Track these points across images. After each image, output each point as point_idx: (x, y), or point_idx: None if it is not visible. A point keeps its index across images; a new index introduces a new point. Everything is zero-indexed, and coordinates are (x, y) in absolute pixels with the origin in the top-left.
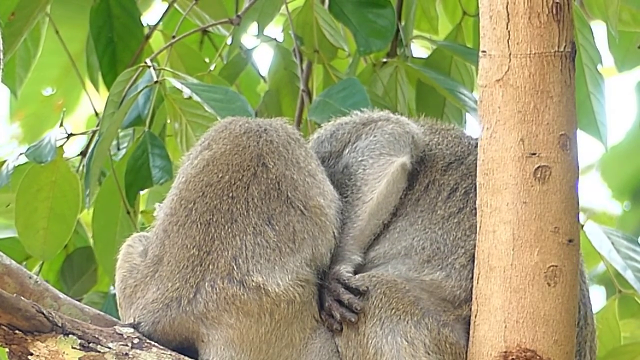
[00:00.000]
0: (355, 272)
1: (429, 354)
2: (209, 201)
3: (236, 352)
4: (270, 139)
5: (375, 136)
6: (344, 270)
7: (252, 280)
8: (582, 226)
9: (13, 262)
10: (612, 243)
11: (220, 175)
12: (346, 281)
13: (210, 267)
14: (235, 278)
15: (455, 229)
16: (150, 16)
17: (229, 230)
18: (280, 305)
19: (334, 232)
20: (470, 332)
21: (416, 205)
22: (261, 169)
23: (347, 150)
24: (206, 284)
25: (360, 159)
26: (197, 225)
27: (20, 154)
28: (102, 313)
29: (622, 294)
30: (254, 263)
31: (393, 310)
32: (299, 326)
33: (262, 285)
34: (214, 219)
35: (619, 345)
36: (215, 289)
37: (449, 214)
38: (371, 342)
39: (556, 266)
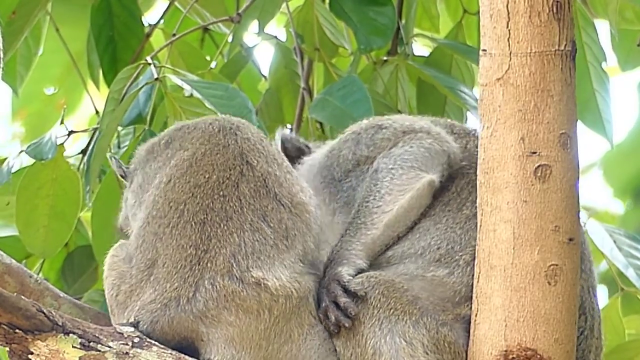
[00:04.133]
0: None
1: (427, 353)
2: (200, 201)
3: (237, 350)
4: (247, 137)
5: (411, 147)
6: (346, 272)
7: (252, 276)
8: (584, 224)
9: (13, 261)
10: (614, 241)
11: (207, 176)
12: (346, 284)
13: (209, 265)
14: (235, 275)
15: (474, 229)
16: (151, 15)
17: (225, 227)
18: (279, 300)
19: (318, 227)
20: (471, 331)
21: (446, 206)
22: (247, 167)
23: (381, 155)
24: (205, 282)
25: (390, 166)
26: (192, 225)
27: (21, 151)
28: (102, 312)
29: (625, 292)
30: (254, 259)
31: (391, 310)
32: (297, 322)
33: (261, 281)
34: (209, 218)
35: (623, 342)
36: (215, 287)
37: (473, 214)
38: (370, 343)
39: (557, 265)
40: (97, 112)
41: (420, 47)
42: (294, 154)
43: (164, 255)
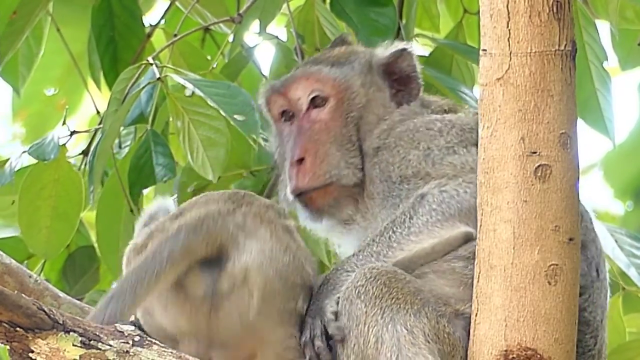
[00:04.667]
0: None
1: (428, 342)
2: (232, 194)
3: (265, 261)
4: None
5: (465, 192)
6: (330, 308)
7: (285, 222)
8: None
9: (13, 261)
10: (616, 241)
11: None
12: (325, 323)
13: (244, 206)
14: (269, 214)
15: None
16: (152, 15)
17: (258, 205)
18: (300, 260)
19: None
20: (471, 331)
21: None
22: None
23: (437, 182)
24: (243, 207)
25: (434, 206)
26: (223, 197)
27: (23, 152)
28: None
29: (626, 292)
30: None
31: (393, 300)
32: (294, 304)
33: (292, 229)
34: (241, 194)
35: (625, 341)
36: (254, 209)
37: None
38: (372, 331)
39: (557, 265)
40: (98, 112)
41: (421, 47)
42: (401, 75)
43: (193, 209)
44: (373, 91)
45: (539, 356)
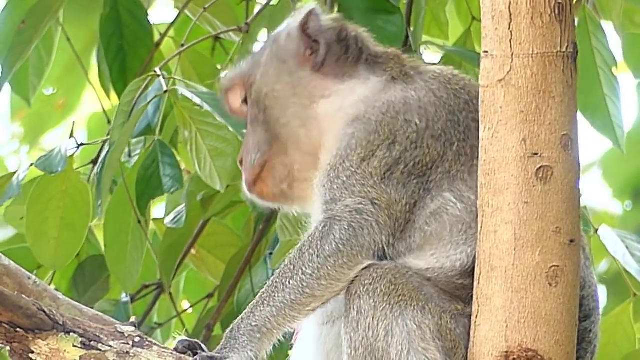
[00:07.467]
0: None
1: (434, 340)
2: None
3: None
4: None
5: (372, 226)
6: None
7: None
8: (596, 230)
9: (12, 262)
10: (627, 247)
11: None
12: None
13: None
14: None
15: None
16: (155, 15)
17: None
18: None
19: None
20: (472, 332)
21: None
22: None
23: (353, 205)
24: None
25: (340, 247)
26: None
27: (31, 164)
28: (100, 314)
29: (637, 298)
30: None
31: (400, 297)
32: None
33: None
34: None
35: (635, 349)
36: None
37: None
38: (381, 325)
39: (557, 266)
40: (109, 121)
41: (431, 54)
42: (323, 40)
43: None
44: (284, 74)
45: (539, 357)
